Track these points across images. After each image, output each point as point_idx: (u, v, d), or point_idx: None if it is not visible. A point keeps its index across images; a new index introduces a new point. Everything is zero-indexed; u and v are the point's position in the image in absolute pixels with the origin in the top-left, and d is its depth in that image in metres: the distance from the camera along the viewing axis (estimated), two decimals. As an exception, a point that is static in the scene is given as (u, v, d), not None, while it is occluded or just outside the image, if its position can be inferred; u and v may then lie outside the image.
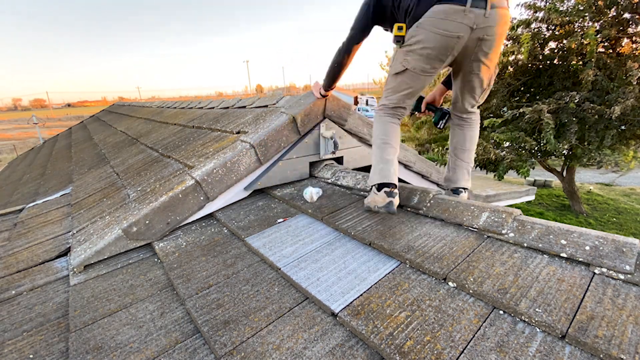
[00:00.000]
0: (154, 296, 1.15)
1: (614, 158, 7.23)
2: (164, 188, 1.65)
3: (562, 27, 5.43)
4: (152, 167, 2.25)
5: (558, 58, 5.63)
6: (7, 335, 1.03)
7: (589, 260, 0.94)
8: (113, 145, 3.82)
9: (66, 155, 4.79)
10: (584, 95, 4.94)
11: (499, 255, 1.06)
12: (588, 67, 4.80)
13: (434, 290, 0.97)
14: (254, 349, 0.85)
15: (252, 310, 1.00)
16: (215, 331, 0.92)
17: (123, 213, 1.61)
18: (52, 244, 1.61)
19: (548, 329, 0.78)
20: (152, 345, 0.92)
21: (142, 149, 2.97)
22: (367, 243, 1.26)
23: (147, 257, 1.41)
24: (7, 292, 1.26)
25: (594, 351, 0.70)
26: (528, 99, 6.12)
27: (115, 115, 7.06)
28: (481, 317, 0.86)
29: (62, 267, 1.41)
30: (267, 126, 1.80)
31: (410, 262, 1.10)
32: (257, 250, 1.31)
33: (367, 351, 0.82)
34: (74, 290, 1.21)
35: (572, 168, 7.25)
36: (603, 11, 4.95)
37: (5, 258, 1.54)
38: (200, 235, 1.51)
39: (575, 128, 5.05)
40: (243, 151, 1.67)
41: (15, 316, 1.12)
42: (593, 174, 11.70)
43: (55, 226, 1.86)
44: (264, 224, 1.52)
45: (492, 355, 0.74)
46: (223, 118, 2.70)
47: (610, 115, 4.54)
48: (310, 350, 0.83)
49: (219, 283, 1.14)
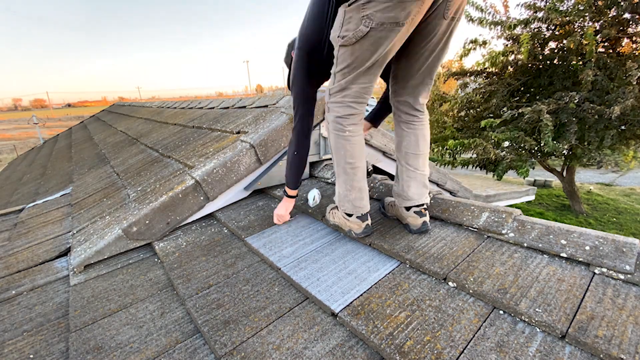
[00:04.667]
0: (154, 296, 1.15)
1: (614, 158, 7.24)
2: (164, 188, 1.65)
3: (562, 27, 5.43)
4: (152, 167, 2.25)
5: (558, 58, 5.62)
6: (7, 335, 1.04)
7: (589, 260, 0.94)
8: (113, 145, 3.82)
9: (66, 155, 4.79)
10: (584, 95, 4.94)
11: (499, 255, 1.06)
12: (588, 67, 4.80)
13: (434, 290, 0.97)
14: (254, 349, 0.85)
15: (252, 310, 1.00)
16: (216, 331, 0.92)
17: (123, 213, 1.61)
18: (52, 244, 1.61)
19: (548, 329, 0.78)
20: (153, 345, 0.92)
21: (142, 149, 2.97)
22: (367, 243, 1.26)
23: (147, 257, 1.41)
24: (7, 292, 1.26)
25: (594, 351, 0.70)
26: (528, 99, 6.12)
27: (115, 115, 7.06)
28: (481, 317, 0.86)
29: (62, 267, 1.41)
30: (267, 126, 1.79)
31: (410, 262, 1.10)
32: (257, 250, 1.31)
33: (367, 351, 0.82)
34: (74, 290, 1.21)
35: (572, 168, 7.25)
36: (603, 11, 4.94)
37: (5, 258, 1.54)
38: (200, 235, 1.51)
39: (575, 128, 5.05)
40: (243, 151, 1.67)
41: (15, 316, 1.12)
42: (593, 174, 11.70)
43: (56, 226, 1.86)
44: (264, 224, 1.52)
45: (492, 355, 0.74)
46: (223, 118, 2.70)
47: (610, 115, 4.54)
48: (311, 350, 0.83)
49: (219, 283, 1.14)
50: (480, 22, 6.02)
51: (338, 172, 1.25)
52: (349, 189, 1.22)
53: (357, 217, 1.23)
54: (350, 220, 1.25)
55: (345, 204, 1.24)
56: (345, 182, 1.22)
